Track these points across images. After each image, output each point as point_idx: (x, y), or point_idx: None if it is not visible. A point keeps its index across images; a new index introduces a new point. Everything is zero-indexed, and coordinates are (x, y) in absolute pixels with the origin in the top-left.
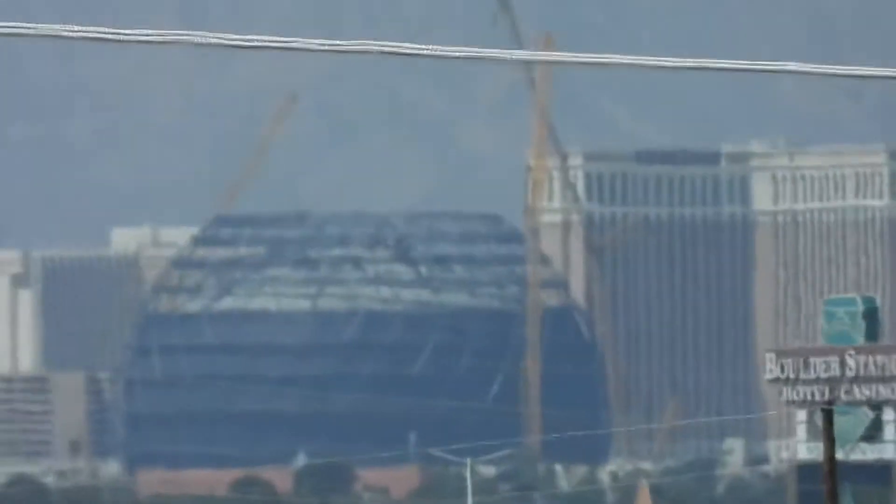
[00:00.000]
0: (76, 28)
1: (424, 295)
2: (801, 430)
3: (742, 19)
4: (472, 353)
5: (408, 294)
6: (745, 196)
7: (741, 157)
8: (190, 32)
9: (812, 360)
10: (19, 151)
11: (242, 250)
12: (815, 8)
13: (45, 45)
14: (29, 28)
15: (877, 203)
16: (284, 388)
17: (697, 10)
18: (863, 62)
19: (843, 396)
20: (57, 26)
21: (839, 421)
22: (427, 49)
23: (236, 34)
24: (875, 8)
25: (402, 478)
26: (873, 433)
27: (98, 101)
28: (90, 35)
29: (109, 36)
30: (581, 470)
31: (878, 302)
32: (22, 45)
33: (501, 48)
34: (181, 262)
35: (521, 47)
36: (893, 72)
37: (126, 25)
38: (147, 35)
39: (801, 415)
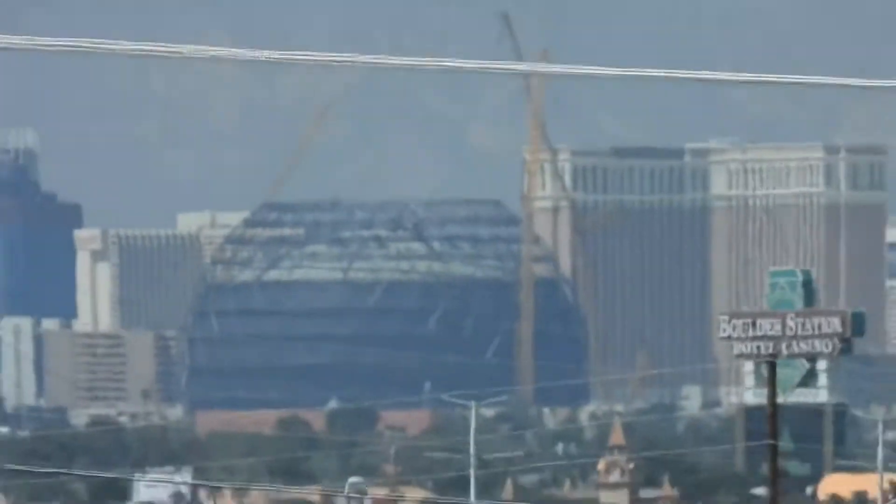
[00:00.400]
0: (147, 46)
1: (436, 267)
2: (749, 379)
3: (704, 35)
4: (475, 316)
5: (422, 267)
6: (704, 185)
7: (701, 153)
8: (236, 50)
9: (758, 321)
10: (100, 147)
11: (286, 231)
12: (770, 24)
13: (123, 59)
14: (110, 44)
15: (814, 190)
16: (319, 344)
17: (669, 32)
18: (805, 71)
19: (784, 351)
20: (133, 44)
21: (780, 371)
22: (440, 62)
23: (277, 50)
24: (819, 23)
25: (417, 419)
26: (808, 381)
27: (166, 106)
28: (158, 52)
29: (171, 53)
30: (565, 411)
31: (814, 274)
32: (105, 58)
33: (504, 62)
34: (234, 241)
35: (520, 59)
36: (831, 80)
37: (188, 41)
38: (202, 51)
39: (749, 366)
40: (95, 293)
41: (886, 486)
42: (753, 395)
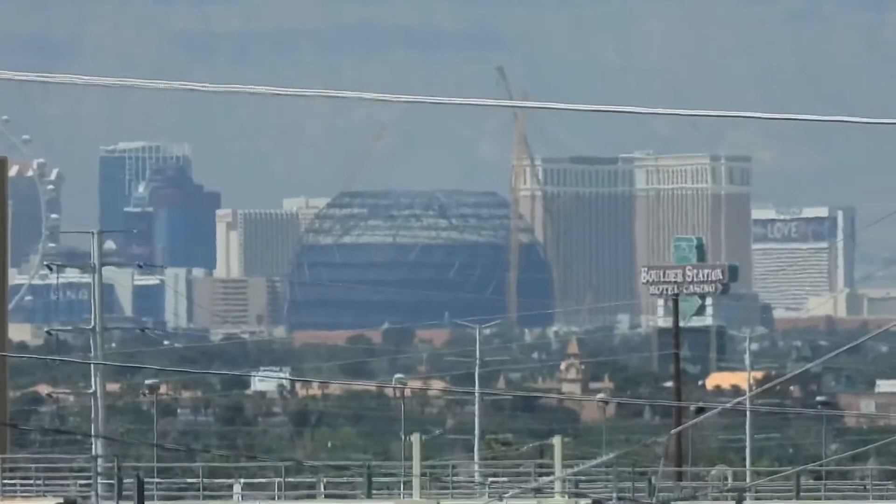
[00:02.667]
0: (251, 88)
1: (455, 235)
2: (660, 310)
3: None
4: (479, 267)
5: (445, 235)
6: (631, 181)
7: (629, 160)
8: (302, 90)
9: (667, 271)
10: (233, 154)
11: (354, 210)
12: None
13: (251, 93)
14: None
15: (703, 185)
16: (377, 286)
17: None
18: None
19: (684, 291)
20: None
21: (681, 305)
22: (461, 99)
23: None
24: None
25: (440, 335)
26: (700, 311)
27: (278, 126)
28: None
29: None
30: (538, 331)
31: (705, 240)
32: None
33: (499, 98)
34: (321, 216)
35: (509, 96)
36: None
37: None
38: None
39: (660, 301)
40: (228, 252)
41: (751, 380)
42: (663, 321)
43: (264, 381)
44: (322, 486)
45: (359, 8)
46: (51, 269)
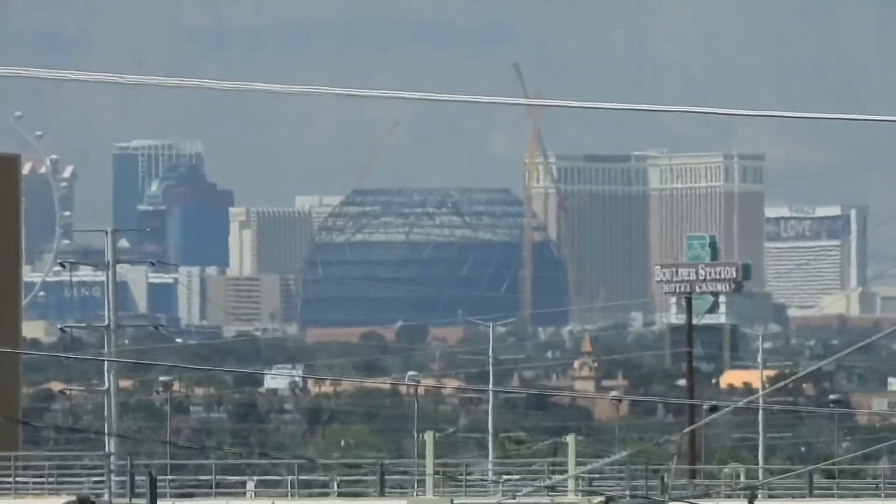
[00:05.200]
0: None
1: (468, 233)
2: (674, 308)
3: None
4: (493, 265)
5: (458, 233)
6: (644, 180)
7: (642, 158)
8: (313, 87)
9: (680, 269)
10: (245, 153)
11: (367, 208)
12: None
13: (260, 92)
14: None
15: (716, 184)
16: (390, 284)
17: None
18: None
19: (697, 289)
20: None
21: (695, 303)
22: (474, 98)
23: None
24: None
25: (453, 333)
26: (713, 309)
27: (289, 124)
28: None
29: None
30: (551, 329)
31: (718, 238)
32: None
33: (514, 96)
34: (333, 214)
35: (525, 95)
36: (760, 112)
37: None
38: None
39: (674, 299)
40: (242, 250)
41: (764, 378)
42: (676, 319)
43: (277, 379)
44: (335, 485)
45: (370, 3)
46: (64, 266)
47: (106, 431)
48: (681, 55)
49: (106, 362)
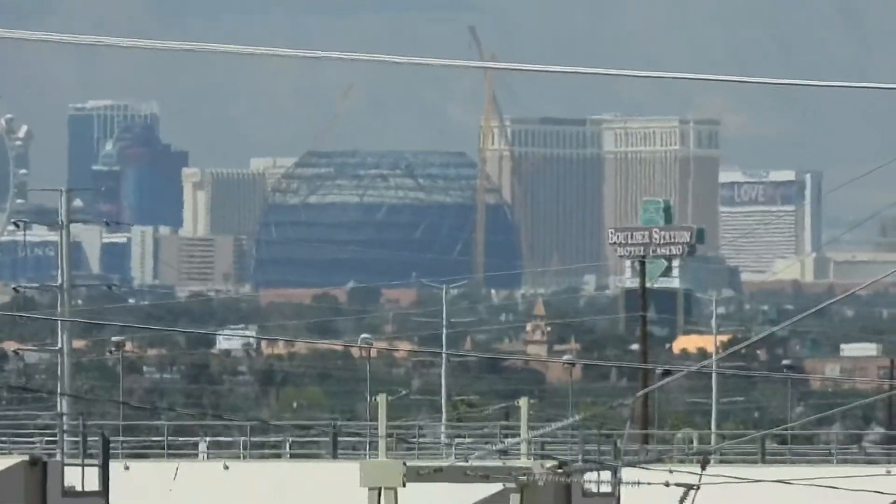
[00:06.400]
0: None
1: (422, 196)
2: (627, 272)
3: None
4: (447, 228)
5: (412, 195)
6: (599, 143)
7: (598, 122)
8: (270, 49)
9: (634, 233)
10: (200, 113)
11: (321, 170)
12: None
13: (221, 53)
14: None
15: (672, 148)
16: (344, 245)
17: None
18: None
19: (651, 253)
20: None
21: (648, 266)
22: (429, 60)
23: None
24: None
25: (406, 295)
26: (666, 273)
27: (247, 86)
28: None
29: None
30: (505, 292)
31: (672, 203)
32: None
33: (471, 60)
34: (287, 176)
35: (480, 59)
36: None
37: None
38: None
39: (627, 262)
40: (195, 210)
41: (717, 343)
42: (629, 282)
43: (230, 340)
44: (287, 447)
45: None
46: (18, 225)
47: (59, 391)
48: (639, 24)
49: (59, 322)
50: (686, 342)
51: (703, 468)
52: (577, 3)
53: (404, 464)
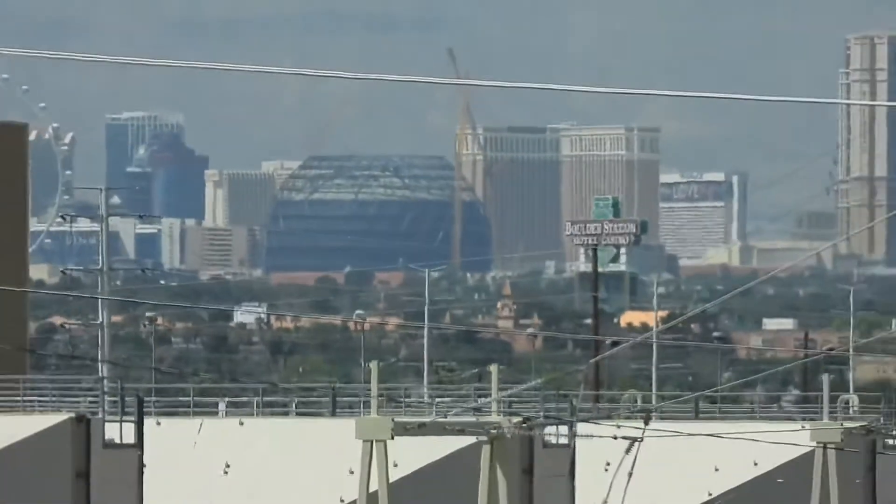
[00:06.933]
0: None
1: (407, 193)
2: (582, 258)
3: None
4: (429, 220)
5: (399, 193)
6: (557, 149)
7: (556, 130)
8: (280, 69)
9: (587, 224)
10: (220, 123)
11: (322, 171)
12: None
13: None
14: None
15: (619, 153)
16: (341, 235)
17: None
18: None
19: (601, 242)
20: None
21: (599, 254)
22: (413, 78)
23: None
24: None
25: (395, 278)
26: (615, 259)
27: (256, 99)
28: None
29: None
30: (478, 275)
31: (619, 199)
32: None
33: (449, 77)
34: (293, 176)
35: (457, 76)
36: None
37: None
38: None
39: (581, 250)
40: (215, 205)
41: (658, 318)
42: (584, 267)
43: (245, 315)
44: (293, 406)
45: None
46: (65, 218)
47: (99, 359)
48: (591, 45)
49: (100, 300)
50: (631, 317)
51: (646, 424)
52: (541, 27)
53: (393, 420)
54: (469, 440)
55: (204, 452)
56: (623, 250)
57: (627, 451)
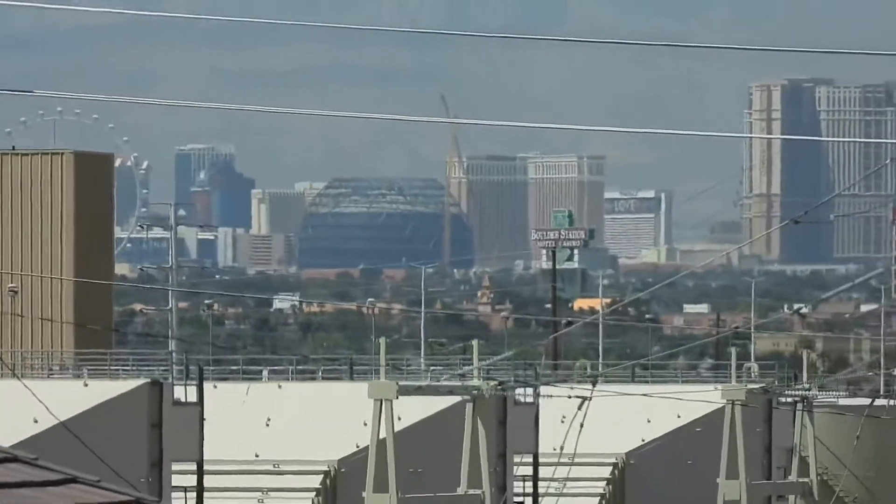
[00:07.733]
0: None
1: (409, 208)
2: (544, 258)
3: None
4: (426, 228)
5: (402, 207)
6: (525, 172)
7: (524, 158)
8: (299, 110)
9: (548, 232)
10: (262, 152)
11: (342, 190)
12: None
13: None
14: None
15: (572, 175)
16: (357, 240)
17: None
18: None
19: (559, 245)
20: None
21: (558, 254)
22: (410, 117)
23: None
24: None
25: (399, 274)
26: (570, 258)
27: (286, 131)
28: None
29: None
30: (463, 271)
31: (573, 212)
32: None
33: (440, 116)
34: (320, 194)
35: (448, 116)
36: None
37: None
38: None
39: (544, 251)
40: (259, 217)
41: (602, 303)
42: (545, 265)
43: (282, 302)
44: (320, 373)
45: (346, 55)
46: (142, 227)
47: (169, 336)
48: (551, 90)
49: (170, 291)
50: (582, 303)
51: (594, 386)
52: (513, 76)
53: (397, 383)
54: (456, 399)
55: (250, 409)
56: (576, 252)
57: (579, 407)
